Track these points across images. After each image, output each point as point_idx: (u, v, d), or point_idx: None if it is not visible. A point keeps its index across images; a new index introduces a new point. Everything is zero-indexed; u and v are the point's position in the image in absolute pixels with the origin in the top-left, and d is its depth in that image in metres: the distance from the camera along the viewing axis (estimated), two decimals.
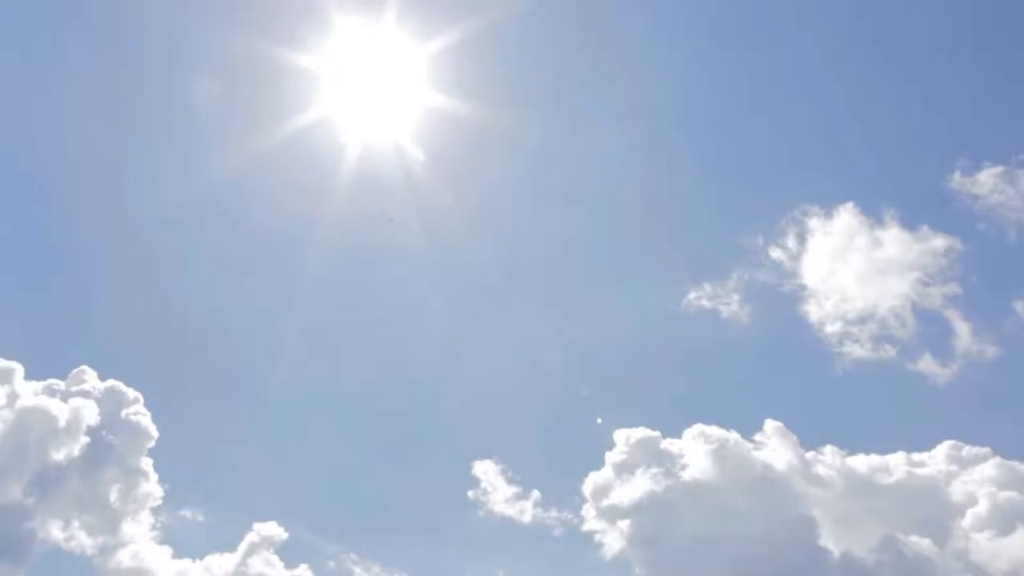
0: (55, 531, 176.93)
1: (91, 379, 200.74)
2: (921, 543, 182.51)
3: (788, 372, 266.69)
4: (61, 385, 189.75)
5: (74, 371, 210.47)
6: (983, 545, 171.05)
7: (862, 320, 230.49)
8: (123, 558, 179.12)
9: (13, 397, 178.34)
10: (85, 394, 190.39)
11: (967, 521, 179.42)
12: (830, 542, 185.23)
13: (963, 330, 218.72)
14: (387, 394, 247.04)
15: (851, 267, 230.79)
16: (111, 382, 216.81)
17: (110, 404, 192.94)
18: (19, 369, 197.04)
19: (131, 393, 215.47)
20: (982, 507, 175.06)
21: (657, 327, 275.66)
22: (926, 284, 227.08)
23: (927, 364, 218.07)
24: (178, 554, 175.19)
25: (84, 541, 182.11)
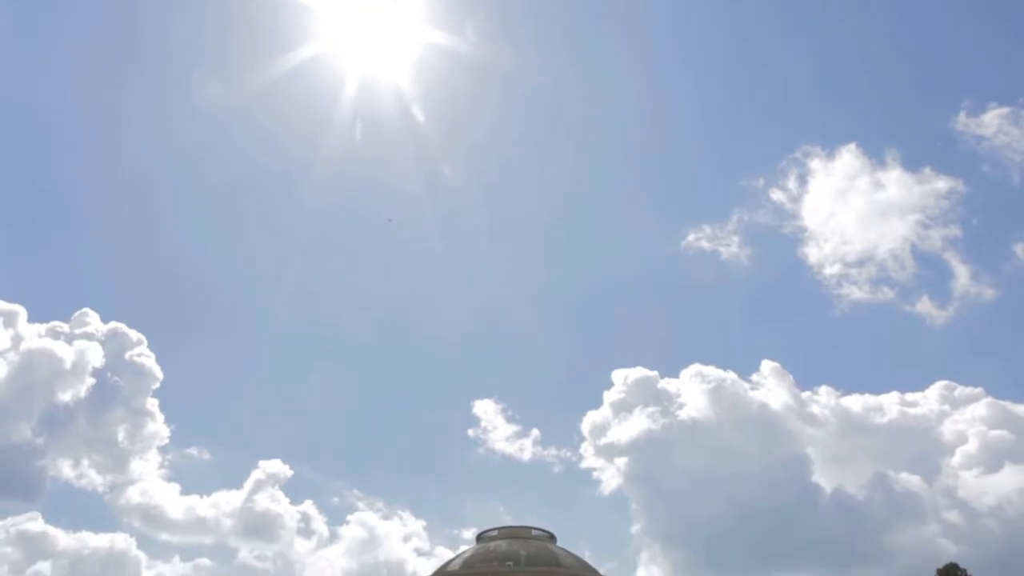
0: (66, 469, 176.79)
1: (94, 321, 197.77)
2: (911, 480, 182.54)
3: (786, 313, 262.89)
4: (64, 327, 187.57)
5: (76, 313, 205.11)
6: (970, 482, 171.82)
7: (861, 262, 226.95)
8: (133, 495, 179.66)
9: (17, 339, 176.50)
10: (88, 336, 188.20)
11: (956, 459, 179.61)
12: (823, 479, 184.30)
13: (962, 272, 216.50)
14: (388, 334, 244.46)
15: (852, 209, 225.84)
16: (114, 324, 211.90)
17: (114, 346, 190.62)
18: (22, 312, 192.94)
19: (134, 335, 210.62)
20: (972, 445, 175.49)
21: (656, 268, 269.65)
22: (926, 226, 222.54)
23: (924, 306, 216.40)
24: (186, 491, 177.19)
25: (95, 479, 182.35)
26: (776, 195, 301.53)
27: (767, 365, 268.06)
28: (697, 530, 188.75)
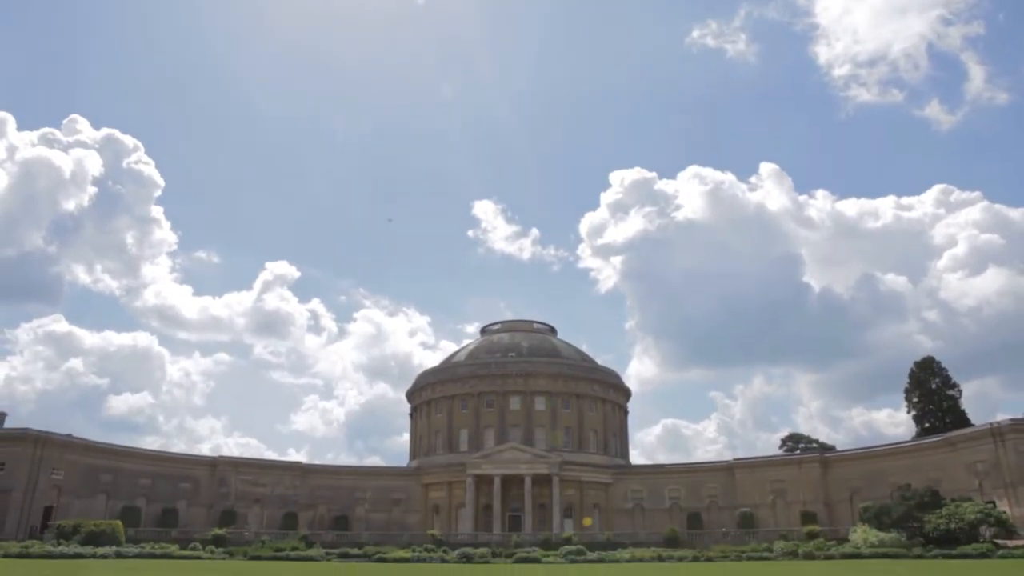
0: (81, 275, 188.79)
1: (85, 128, 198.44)
2: (897, 281, 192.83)
3: (790, 115, 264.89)
4: (58, 135, 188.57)
5: (66, 120, 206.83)
6: (953, 284, 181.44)
7: (872, 62, 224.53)
8: (148, 297, 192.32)
9: (12, 150, 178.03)
10: (83, 144, 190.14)
11: (943, 262, 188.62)
12: (812, 279, 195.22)
13: (977, 74, 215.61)
14: (388, 136, 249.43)
15: (868, 4, 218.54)
16: (106, 131, 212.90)
17: (110, 154, 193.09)
18: (11, 120, 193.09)
19: (129, 141, 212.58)
20: (960, 249, 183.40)
21: (657, 66, 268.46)
22: (948, 23, 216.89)
23: (933, 110, 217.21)
24: (198, 292, 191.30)
25: (110, 283, 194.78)
26: None
27: (766, 167, 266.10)
28: (689, 325, 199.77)
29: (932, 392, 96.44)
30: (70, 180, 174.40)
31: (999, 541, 59.34)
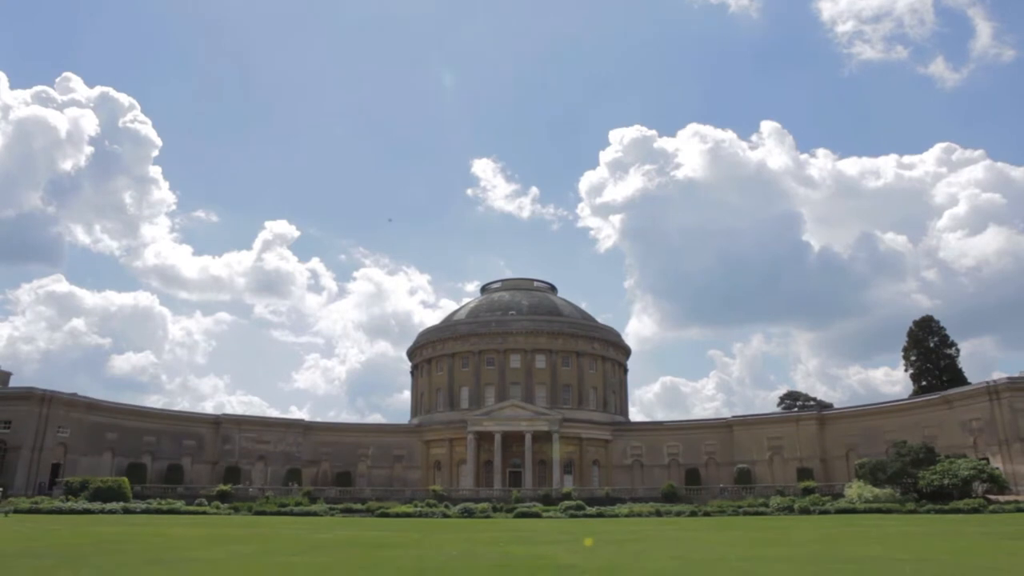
0: (80, 235, 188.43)
1: (79, 86, 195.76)
2: (896, 240, 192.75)
3: (792, 73, 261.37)
4: (52, 93, 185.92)
5: (58, 78, 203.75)
6: (952, 243, 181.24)
7: (878, 18, 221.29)
8: (148, 257, 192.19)
9: (6, 109, 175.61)
10: (77, 103, 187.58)
11: (943, 221, 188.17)
12: (812, 238, 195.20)
13: (984, 31, 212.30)
14: (387, 93, 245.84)
15: None
16: (100, 89, 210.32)
17: (106, 112, 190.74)
18: (3, 78, 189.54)
19: (125, 99, 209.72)
20: (961, 208, 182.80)
21: (657, 21, 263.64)
22: None
23: (938, 67, 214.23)
24: (198, 252, 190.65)
25: (109, 243, 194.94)
26: None
27: (767, 125, 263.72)
28: (688, 284, 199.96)
29: (930, 351, 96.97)
30: (66, 140, 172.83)
31: (991, 496, 60.31)
